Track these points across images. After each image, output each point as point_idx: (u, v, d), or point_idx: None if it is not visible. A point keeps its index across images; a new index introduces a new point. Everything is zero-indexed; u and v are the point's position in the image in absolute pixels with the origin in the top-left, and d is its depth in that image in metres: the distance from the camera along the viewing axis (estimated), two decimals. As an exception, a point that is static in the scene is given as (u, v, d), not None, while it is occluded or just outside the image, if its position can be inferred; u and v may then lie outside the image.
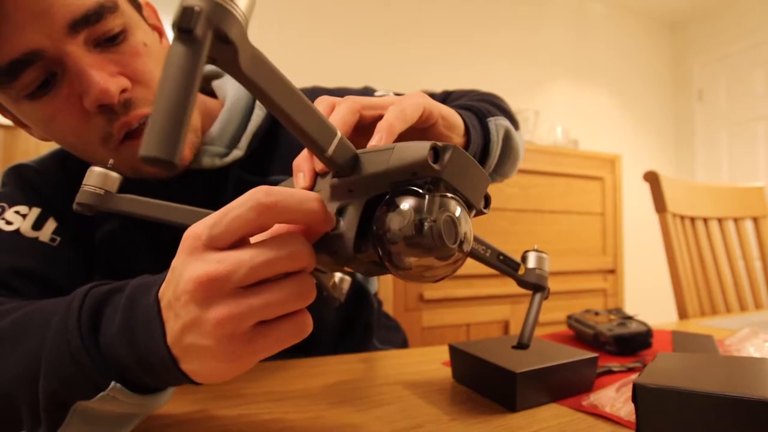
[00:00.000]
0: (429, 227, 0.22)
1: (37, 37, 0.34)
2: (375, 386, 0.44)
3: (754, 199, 1.18)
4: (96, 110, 0.38)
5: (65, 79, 0.37)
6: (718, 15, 2.93)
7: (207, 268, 0.21)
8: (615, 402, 0.37)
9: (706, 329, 0.74)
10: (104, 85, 0.37)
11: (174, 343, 0.23)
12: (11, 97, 0.38)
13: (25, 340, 0.28)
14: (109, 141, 0.40)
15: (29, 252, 0.41)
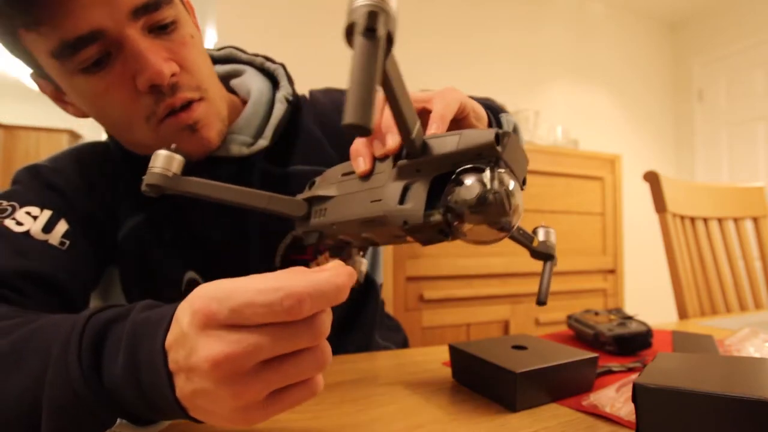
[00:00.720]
0: (493, 198, 0.26)
1: (102, 18, 0.37)
2: (375, 386, 0.44)
3: (754, 199, 1.18)
4: (147, 90, 0.41)
5: (119, 58, 0.40)
6: (718, 15, 2.93)
7: (225, 348, 0.21)
8: (615, 402, 0.37)
9: (706, 329, 0.74)
10: (159, 67, 0.39)
11: (185, 399, 0.24)
12: (67, 70, 0.40)
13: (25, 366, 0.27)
14: (152, 119, 0.43)
15: (37, 254, 0.41)
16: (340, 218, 0.34)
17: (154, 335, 0.24)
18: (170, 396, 0.24)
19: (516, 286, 1.74)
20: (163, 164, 0.35)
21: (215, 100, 0.46)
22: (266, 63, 0.57)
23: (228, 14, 1.93)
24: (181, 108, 0.43)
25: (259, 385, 0.23)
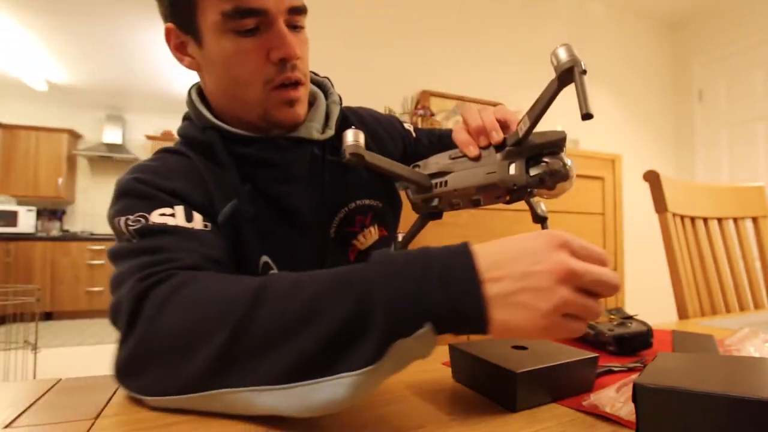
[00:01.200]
0: (567, 168, 0.45)
1: (271, 3, 0.50)
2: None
3: (754, 199, 1.18)
4: (276, 61, 0.52)
5: (265, 33, 0.51)
6: (718, 15, 2.93)
7: (571, 263, 0.32)
8: (615, 402, 0.37)
9: (706, 329, 0.74)
10: (294, 48, 0.52)
11: (504, 297, 0.31)
12: (224, 29, 0.50)
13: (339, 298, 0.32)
14: (268, 84, 0.53)
15: (196, 239, 0.46)
16: (461, 185, 0.50)
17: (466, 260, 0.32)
18: (478, 296, 0.31)
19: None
20: (354, 138, 0.47)
21: (307, 90, 0.59)
22: (314, 76, 0.68)
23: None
24: (291, 85, 0.54)
25: (578, 299, 0.32)
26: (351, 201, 0.64)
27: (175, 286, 0.38)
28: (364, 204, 0.65)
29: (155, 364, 0.36)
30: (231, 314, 0.34)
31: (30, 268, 4.22)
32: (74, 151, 4.84)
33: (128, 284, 0.40)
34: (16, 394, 0.41)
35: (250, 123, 0.57)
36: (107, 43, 3.55)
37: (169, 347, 0.36)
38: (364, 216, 0.65)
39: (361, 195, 0.65)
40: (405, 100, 2.16)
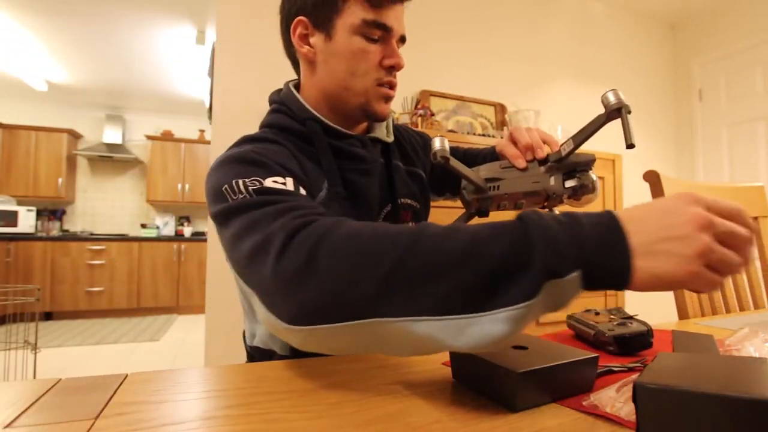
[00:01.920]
0: (594, 183, 0.58)
1: (396, 26, 0.65)
2: (375, 386, 0.44)
3: (754, 199, 1.18)
4: (387, 66, 0.65)
5: (382, 44, 0.65)
6: (718, 15, 2.93)
7: (708, 216, 0.34)
8: (615, 402, 0.37)
9: (706, 329, 0.74)
10: (402, 61, 0.65)
11: (647, 245, 0.33)
12: (356, 31, 0.63)
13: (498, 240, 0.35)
14: (376, 81, 0.65)
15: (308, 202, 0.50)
16: (511, 190, 0.63)
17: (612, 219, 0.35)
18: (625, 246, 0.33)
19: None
20: (441, 144, 0.59)
21: None
22: None
23: (228, 14, 1.93)
24: (391, 87, 0.67)
25: (716, 248, 0.33)
26: (399, 198, 0.75)
27: (329, 225, 0.40)
28: (408, 203, 0.77)
29: (313, 289, 0.37)
30: (394, 247, 0.36)
31: (30, 268, 4.22)
32: (74, 151, 4.84)
33: (277, 223, 0.41)
34: (16, 394, 0.41)
35: (343, 113, 0.68)
36: (107, 43, 3.55)
37: (331, 273, 0.37)
38: (406, 212, 0.76)
39: (407, 195, 0.77)
40: (405, 100, 2.16)
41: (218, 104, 1.92)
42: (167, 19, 3.12)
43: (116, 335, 3.68)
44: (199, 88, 4.45)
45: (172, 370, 0.49)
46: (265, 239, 0.41)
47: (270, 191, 0.47)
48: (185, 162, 5.08)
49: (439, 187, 0.90)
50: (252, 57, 1.93)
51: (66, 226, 4.96)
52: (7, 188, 4.54)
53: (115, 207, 5.18)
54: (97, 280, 4.44)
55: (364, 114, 0.67)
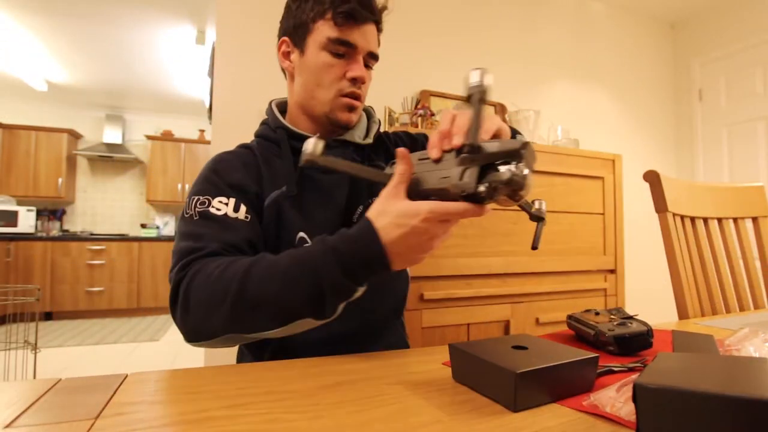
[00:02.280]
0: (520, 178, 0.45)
1: (361, 43, 0.71)
2: (375, 386, 0.44)
3: (754, 199, 1.18)
4: (349, 78, 0.71)
5: (348, 59, 0.71)
6: (718, 15, 2.93)
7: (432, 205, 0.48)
8: (615, 402, 0.37)
9: (706, 329, 0.74)
10: (364, 74, 0.72)
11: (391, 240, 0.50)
12: (323, 47, 0.70)
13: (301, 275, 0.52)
14: (339, 92, 0.72)
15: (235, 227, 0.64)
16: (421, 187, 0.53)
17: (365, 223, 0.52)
18: (379, 244, 0.50)
19: (516, 286, 1.74)
20: (313, 147, 0.55)
21: (361, 108, 0.78)
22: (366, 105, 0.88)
23: (228, 14, 1.93)
24: (354, 97, 0.73)
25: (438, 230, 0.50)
26: (375, 195, 0.76)
27: (192, 275, 0.56)
28: None
29: (190, 322, 0.55)
30: (229, 289, 0.52)
31: (30, 268, 4.22)
32: (74, 151, 4.84)
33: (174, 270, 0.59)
34: (16, 394, 0.41)
35: (315, 121, 0.76)
36: (107, 43, 3.55)
37: (197, 312, 0.54)
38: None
39: None
40: (405, 100, 2.16)
41: (218, 104, 1.92)
42: (167, 19, 3.12)
43: (116, 335, 3.68)
44: (199, 88, 4.45)
45: (172, 370, 0.49)
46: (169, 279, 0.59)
47: (208, 216, 0.63)
48: (185, 162, 5.08)
49: None
50: (252, 57, 1.93)
51: (66, 226, 4.96)
52: (7, 188, 4.54)
53: (115, 207, 5.18)
54: (97, 280, 4.44)
55: (329, 122, 0.74)
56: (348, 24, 0.69)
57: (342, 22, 0.69)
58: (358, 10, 0.69)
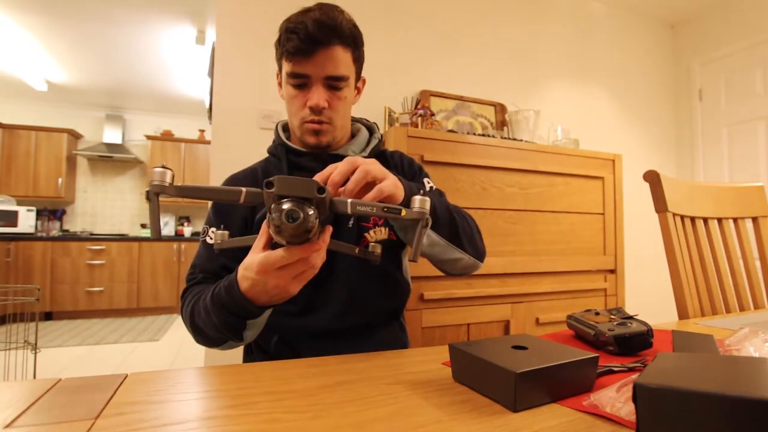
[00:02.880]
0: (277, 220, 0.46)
1: (313, 72, 0.76)
2: (375, 386, 0.44)
3: (754, 199, 1.18)
4: (308, 107, 0.78)
5: (307, 89, 0.78)
6: (718, 15, 2.93)
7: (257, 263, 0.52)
8: (615, 402, 0.37)
9: (706, 329, 0.74)
10: (320, 102, 0.77)
11: (246, 291, 0.56)
12: (286, 81, 0.79)
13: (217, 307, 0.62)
14: (303, 120, 0.80)
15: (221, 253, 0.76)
16: None
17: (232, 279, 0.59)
18: (238, 290, 0.57)
19: (516, 286, 1.74)
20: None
21: (336, 127, 0.82)
22: (367, 121, 0.95)
23: (228, 14, 1.93)
24: (316, 122, 0.79)
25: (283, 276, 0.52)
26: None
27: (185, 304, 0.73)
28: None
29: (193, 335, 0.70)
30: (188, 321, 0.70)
31: (30, 268, 4.22)
32: (74, 151, 4.84)
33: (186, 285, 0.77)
34: (16, 394, 0.41)
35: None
36: (107, 43, 3.55)
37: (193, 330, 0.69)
38: (378, 218, 0.83)
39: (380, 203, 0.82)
40: (405, 100, 2.16)
41: (218, 104, 1.92)
42: (167, 19, 3.12)
43: (116, 335, 3.68)
44: (199, 88, 4.45)
45: (172, 370, 0.49)
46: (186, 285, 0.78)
47: (205, 243, 0.79)
48: (185, 162, 5.08)
49: None
50: (252, 57, 1.93)
51: (66, 226, 4.96)
52: (7, 188, 4.54)
53: (115, 207, 5.17)
54: (97, 280, 4.44)
55: (303, 144, 0.84)
56: (298, 58, 0.75)
57: (292, 57, 0.75)
58: (303, 44, 0.73)
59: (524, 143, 1.85)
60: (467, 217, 0.82)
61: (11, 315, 2.75)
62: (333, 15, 0.75)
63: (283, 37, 0.76)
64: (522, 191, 1.79)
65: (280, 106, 1.92)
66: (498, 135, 1.91)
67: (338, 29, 0.75)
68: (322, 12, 0.75)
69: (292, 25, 0.74)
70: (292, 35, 0.74)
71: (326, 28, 0.73)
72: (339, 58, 0.76)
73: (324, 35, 0.73)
